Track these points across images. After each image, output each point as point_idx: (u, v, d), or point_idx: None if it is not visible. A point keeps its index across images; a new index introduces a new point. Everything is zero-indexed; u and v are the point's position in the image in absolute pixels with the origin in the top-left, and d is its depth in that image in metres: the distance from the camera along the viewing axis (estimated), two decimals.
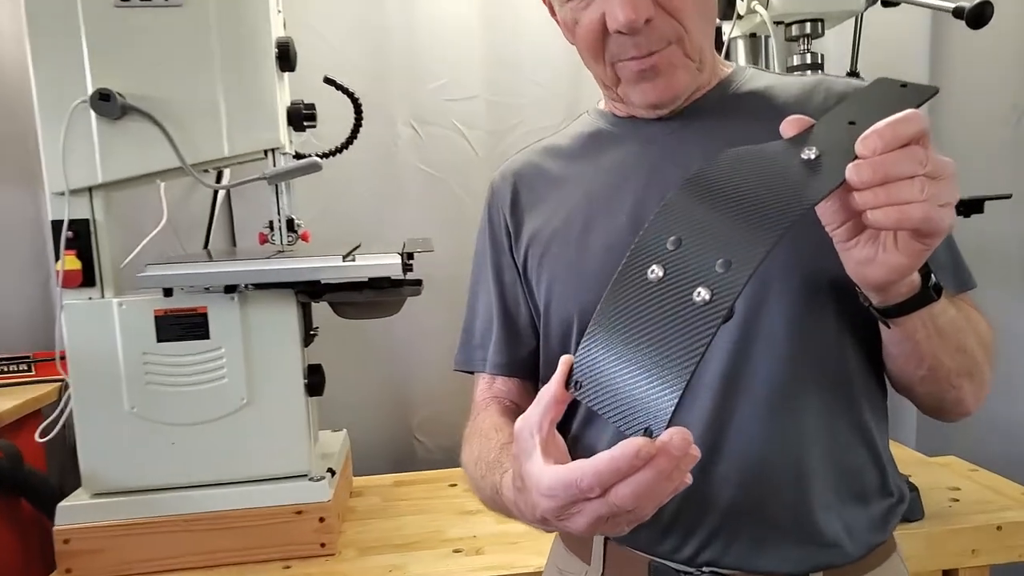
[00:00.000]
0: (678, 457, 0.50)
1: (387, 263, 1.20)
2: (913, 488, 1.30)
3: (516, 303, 0.92)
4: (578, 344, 0.57)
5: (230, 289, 1.21)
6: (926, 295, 0.67)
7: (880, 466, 0.80)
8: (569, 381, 0.57)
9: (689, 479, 0.53)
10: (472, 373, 0.97)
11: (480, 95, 1.74)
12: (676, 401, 0.50)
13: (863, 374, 0.80)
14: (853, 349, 0.79)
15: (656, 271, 0.55)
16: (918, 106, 0.57)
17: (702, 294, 0.52)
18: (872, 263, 0.61)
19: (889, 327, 0.71)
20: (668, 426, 0.50)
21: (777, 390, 0.76)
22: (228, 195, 1.65)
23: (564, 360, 0.57)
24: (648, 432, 0.51)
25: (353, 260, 1.20)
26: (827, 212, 0.61)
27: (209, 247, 1.55)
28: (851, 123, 0.58)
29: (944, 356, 0.73)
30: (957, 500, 1.36)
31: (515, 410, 0.89)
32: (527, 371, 0.92)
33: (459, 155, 1.74)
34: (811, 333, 0.77)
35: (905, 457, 1.58)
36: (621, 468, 0.51)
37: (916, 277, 0.66)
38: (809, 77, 0.87)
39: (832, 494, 0.77)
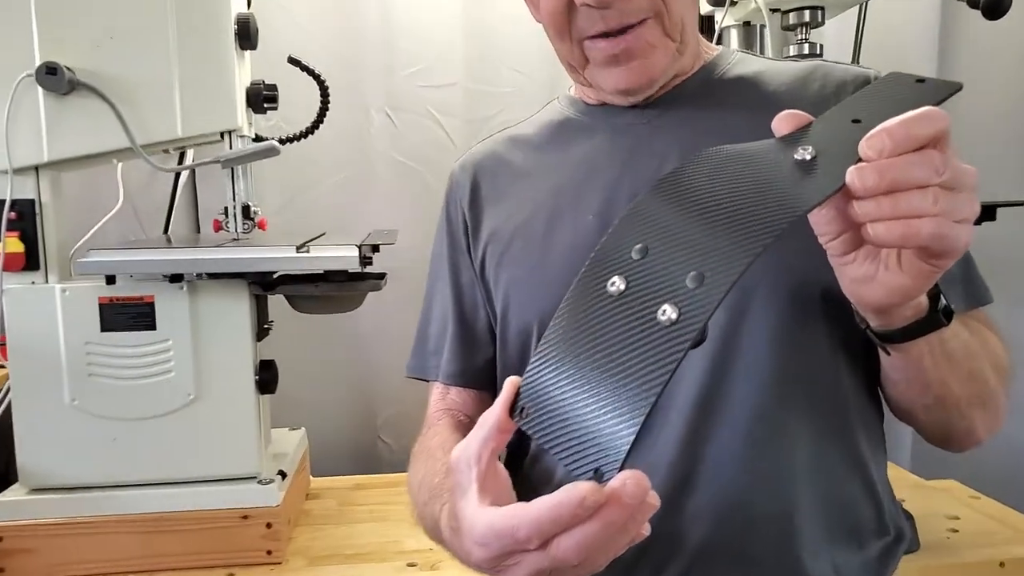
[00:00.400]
0: (632, 506, 0.42)
1: (343, 255, 1.13)
2: (908, 516, 1.21)
3: (474, 307, 0.85)
4: None
5: (175, 279, 1.14)
6: (934, 320, 0.58)
7: (876, 501, 0.72)
8: (515, 407, 0.49)
9: (647, 530, 0.45)
10: (428, 381, 0.89)
11: (459, 82, 1.66)
12: (632, 439, 0.42)
13: (859, 397, 0.72)
14: (848, 369, 0.71)
15: (617, 283, 0.48)
16: (937, 104, 0.49)
17: (668, 312, 0.44)
18: (871, 283, 0.53)
19: (889, 353, 0.62)
20: (623, 467, 0.42)
21: (759, 415, 0.68)
22: (193, 179, 1.58)
23: (509, 382, 0.50)
24: (598, 474, 0.43)
25: (307, 251, 1.12)
26: (821, 221, 0.53)
27: (170, 232, 1.48)
28: (855, 121, 0.51)
29: (954, 384, 0.64)
30: (956, 531, 1.25)
31: (469, 425, 0.82)
32: (484, 382, 0.85)
33: (435, 144, 1.66)
34: (800, 350, 0.69)
35: (899, 479, 1.49)
36: (562, 518, 0.43)
37: (923, 299, 0.57)
38: (805, 62, 0.79)
39: (821, 533, 0.68)
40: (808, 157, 0.49)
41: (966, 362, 0.64)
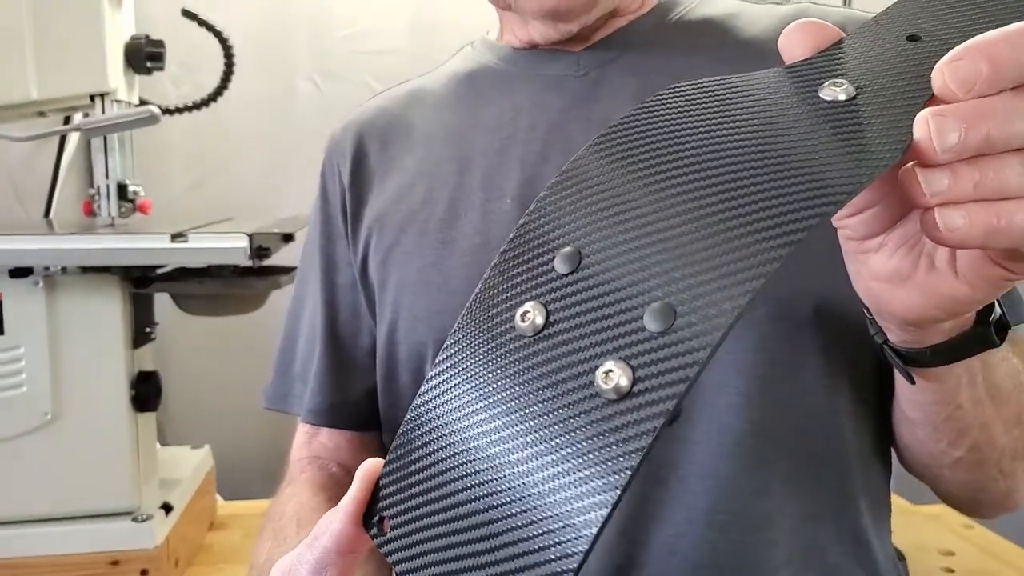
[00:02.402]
0: None
1: (228, 247, 0.92)
2: (900, 557, 1.03)
3: (351, 318, 0.65)
4: None
5: (18, 273, 0.93)
6: (982, 336, 0.41)
7: None
8: (372, 512, 0.32)
9: None
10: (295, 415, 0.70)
11: (403, 48, 1.45)
12: None
13: (864, 456, 0.54)
14: (851, 419, 0.53)
15: (532, 315, 0.28)
16: None
17: (613, 375, 0.25)
18: (904, 284, 0.36)
19: (913, 382, 0.44)
20: None
21: (725, 488, 0.50)
22: (88, 152, 1.37)
23: (363, 472, 0.32)
24: None
25: (184, 241, 0.91)
26: None
27: (52, 216, 1.27)
28: (912, 39, 0.32)
29: (998, 429, 0.48)
30: (952, 570, 1.07)
31: (344, 478, 0.62)
32: (364, 419, 0.65)
33: None
34: (784, 395, 0.51)
35: None
36: None
37: None
38: (790, 6, 0.62)
39: None
40: (843, 97, 0.30)
41: (1016, 400, 0.47)
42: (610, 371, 0.25)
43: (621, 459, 0.24)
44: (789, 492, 0.51)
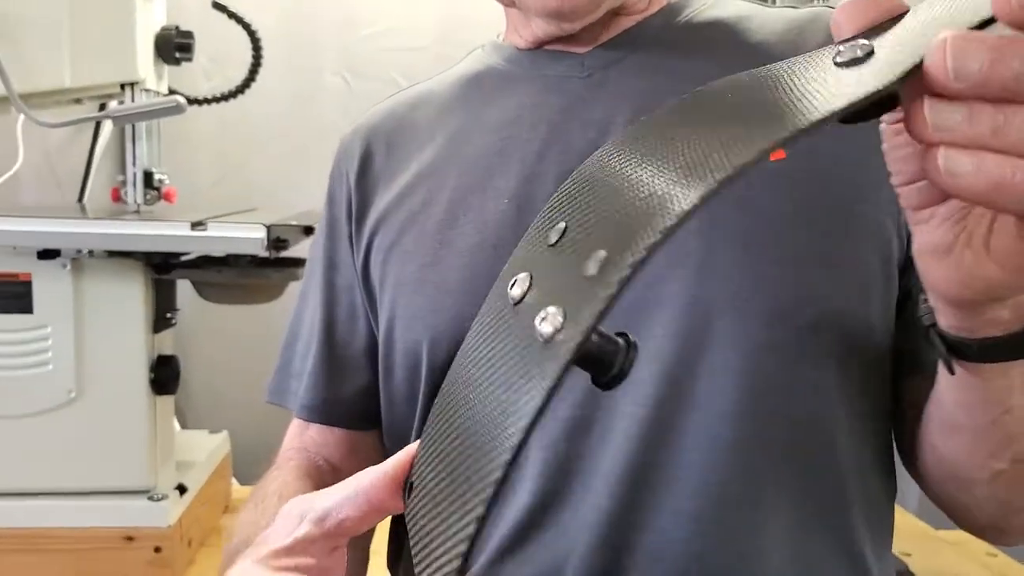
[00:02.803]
0: None
1: (246, 237, 0.94)
2: None
3: (349, 319, 0.66)
4: (428, 393, 0.38)
5: (46, 255, 0.96)
6: None
7: None
8: (406, 482, 0.36)
9: None
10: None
11: (430, 47, 1.46)
12: (464, 551, 0.26)
13: (861, 469, 0.53)
14: (846, 431, 0.52)
15: (520, 283, 0.30)
16: None
17: (549, 320, 0.26)
18: (944, 259, 0.35)
19: (952, 371, 0.42)
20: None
21: (716, 490, 0.50)
22: (122, 138, 1.40)
23: (410, 445, 0.36)
24: None
25: (204, 229, 0.94)
26: (895, 155, 0.35)
27: (87, 200, 1.31)
28: None
29: None
30: None
31: (330, 472, 0.63)
32: (356, 418, 0.66)
33: None
34: (777, 404, 0.50)
35: (904, 528, 1.27)
36: None
37: None
38: (803, 10, 0.61)
39: None
40: (860, 54, 0.28)
41: None
42: (547, 313, 0.26)
43: (536, 390, 0.25)
44: (780, 502, 0.50)
